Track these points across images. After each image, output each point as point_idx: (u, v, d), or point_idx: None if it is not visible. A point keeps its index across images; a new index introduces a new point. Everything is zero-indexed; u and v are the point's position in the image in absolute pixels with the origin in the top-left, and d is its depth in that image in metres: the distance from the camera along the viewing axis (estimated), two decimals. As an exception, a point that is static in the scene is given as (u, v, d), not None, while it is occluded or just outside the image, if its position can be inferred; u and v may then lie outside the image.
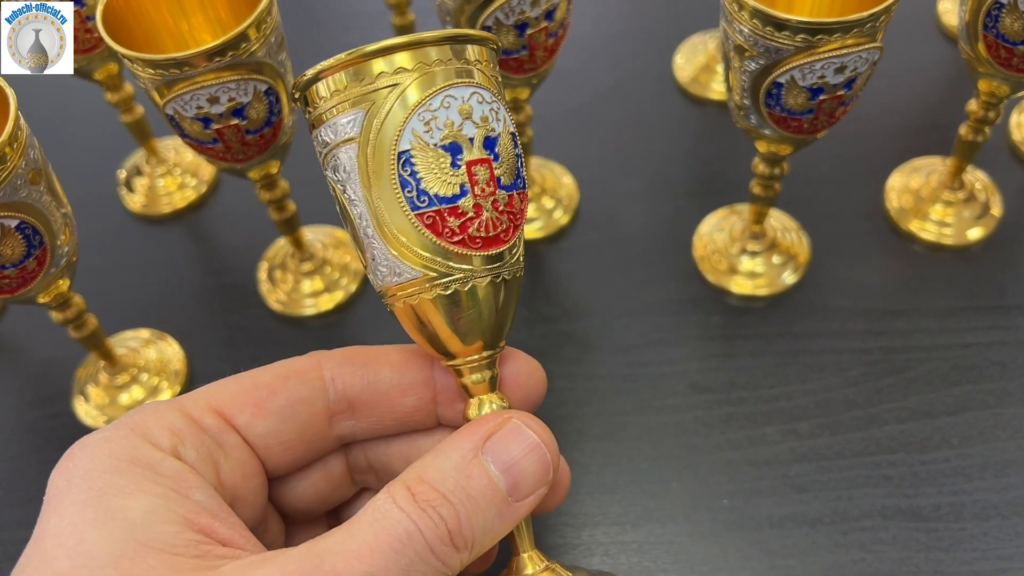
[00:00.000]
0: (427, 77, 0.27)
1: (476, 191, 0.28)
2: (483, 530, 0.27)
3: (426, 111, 0.27)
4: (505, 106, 0.30)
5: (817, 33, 0.36)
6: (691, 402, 0.48)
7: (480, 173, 0.28)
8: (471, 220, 0.28)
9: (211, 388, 0.32)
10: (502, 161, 0.28)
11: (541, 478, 0.29)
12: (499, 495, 0.28)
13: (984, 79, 0.46)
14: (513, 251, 0.30)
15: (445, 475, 0.27)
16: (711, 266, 0.53)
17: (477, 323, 0.30)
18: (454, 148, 0.27)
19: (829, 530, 0.43)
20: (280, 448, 0.32)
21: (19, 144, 0.37)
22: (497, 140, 0.28)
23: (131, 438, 0.28)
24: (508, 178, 0.29)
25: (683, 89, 0.64)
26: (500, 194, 0.28)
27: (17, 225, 0.38)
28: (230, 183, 0.63)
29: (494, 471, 0.28)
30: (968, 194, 0.54)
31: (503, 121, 0.29)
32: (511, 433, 0.29)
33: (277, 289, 0.55)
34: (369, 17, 0.71)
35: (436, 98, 0.27)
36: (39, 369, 0.55)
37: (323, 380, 0.32)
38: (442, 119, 0.27)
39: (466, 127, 0.28)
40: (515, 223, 0.30)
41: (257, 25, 0.39)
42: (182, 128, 0.42)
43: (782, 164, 0.47)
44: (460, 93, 0.27)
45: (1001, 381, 0.48)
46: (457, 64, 0.28)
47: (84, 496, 0.26)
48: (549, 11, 0.43)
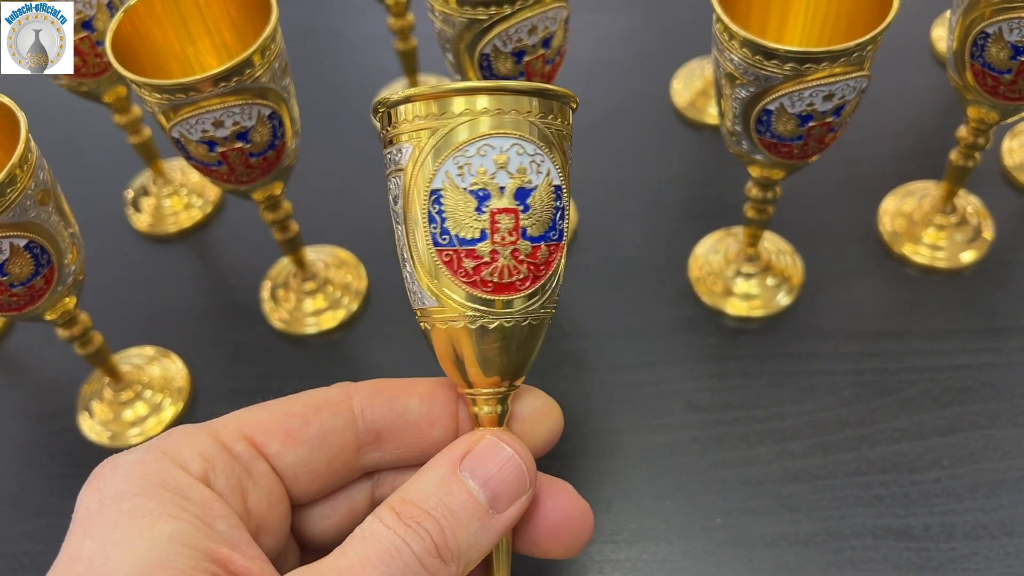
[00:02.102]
0: (473, 123, 0.29)
1: (496, 238, 0.29)
2: (468, 543, 0.28)
3: (462, 156, 0.29)
4: (555, 160, 0.30)
5: (805, 62, 0.37)
6: (686, 421, 0.49)
7: (503, 221, 0.29)
8: (485, 264, 0.29)
9: (242, 414, 0.32)
10: (532, 212, 0.30)
11: (519, 488, 0.30)
12: (480, 508, 0.29)
13: (973, 106, 0.47)
14: (535, 298, 0.31)
15: (427, 493, 0.29)
16: (706, 287, 0.54)
17: (497, 359, 0.31)
18: (483, 195, 0.29)
19: (821, 549, 0.44)
20: (308, 477, 0.32)
21: (29, 166, 0.38)
22: (532, 192, 0.29)
23: (163, 461, 0.29)
24: (537, 230, 0.30)
25: (680, 113, 0.65)
26: (523, 244, 0.30)
27: (26, 244, 0.39)
28: (235, 204, 0.64)
29: (473, 486, 0.29)
30: (960, 218, 0.55)
31: (545, 175, 0.30)
32: (486, 449, 0.30)
33: (280, 308, 0.56)
34: (374, 41, 0.73)
35: (473, 145, 0.29)
36: (44, 385, 0.56)
37: (352, 411, 0.33)
38: (476, 165, 0.29)
39: (499, 176, 0.29)
40: (536, 273, 0.30)
41: (262, 51, 0.40)
42: (188, 151, 0.43)
43: (775, 188, 0.48)
44: (499, 143, 0.29)
45: (992, 403, 0.48)
46: (507, 116, 0.29)
47: (114, 518, 0.27)
48: (546, 39, 0.44)
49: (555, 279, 0.32)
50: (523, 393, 0.35)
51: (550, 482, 0.33)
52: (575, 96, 0.31)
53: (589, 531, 0.34)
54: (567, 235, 0.32)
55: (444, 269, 0.30)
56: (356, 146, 0.66)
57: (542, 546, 0.33)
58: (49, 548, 0.48)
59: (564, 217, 0.31)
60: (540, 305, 0.31)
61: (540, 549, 0.33)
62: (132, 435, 0.51)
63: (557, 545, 0.33)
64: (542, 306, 0.31)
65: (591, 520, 0.34)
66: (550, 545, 0.33)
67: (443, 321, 0.31)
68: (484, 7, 0.41)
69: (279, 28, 0.42)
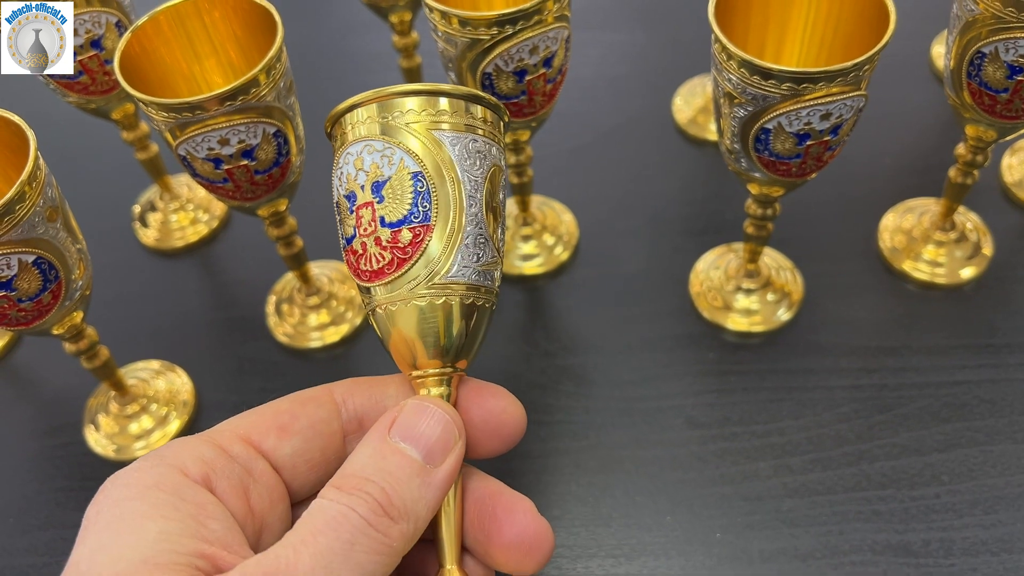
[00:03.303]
0: (343, 137, 0.32)
1: (361, 231, 0.32)
2: (412, 498, 0.29)
3: (338, 168, 0.33)
4: (409, 149, 0.32)
5: (802, 82, 0.38)
6: (686, 437, 0.49)
7: (365, 215, 0.32)
8: (360, 256, 0.32)
9: (235, 420, 0.33)
10: (388, 201, 0.32)
11: (449, 439, 0.31)
12: (415, 464, 0.30)
13: (971, 124, 0.47)
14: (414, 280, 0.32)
15: (363, 464, 0.30)
16: (707, 303, 0.54)
17: (413, 341, 0.33)
18: (351, 196, 0.32)
19: (820, 564, 0.44)
20: (305, 467, 0.33)
21: (38, 183, 0.39)
22: (385, 183, 0.32)
23: (161, 467, 0.30)
24: (395, 215, 0.32)
25: (682, 130, 0.65)
26: (382, 231, 0.32)
27: (34, 260, 0.40)
28: (240, 219, 0.64)
29: (405, 446, 0.30)
30: (960, 234, 0.55)
31: (397, 164, 0.32)
32: (409, 412, 0.31)
33: (284, 322, 0.57)
34: (379, 59, 0.74)
35: (341, 156, 0.32)
36: (51, 399, 0.56)
37: (335, 403, 0.34)
38: (344, 172, 0.32)
39: (359, 176, 0.32)
40: (401, 255, 0.32)
41: (267, 71, 0.41)
42: (194, 168, 0.43)
43: (774, 205, 0.48)
44: (354, 149, 0.32)
45: (991, 419, 0.48)
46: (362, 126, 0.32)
47: (107, 522, 0.28)
48: (547, 58, 0.44)
49: (432, 258, 0.32)
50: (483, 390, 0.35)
51: (511, 498, 0.34)
52: (414, 89, 0.32)
53: (546, 551, 0.34)
54: (444, 215, 0.32)
55: (348, 270, 0.34)
56: (361, 162, 0.66)
57: (496, 560, 0.34)
58: (54, 560, 0.48)
59: (430, 199, 0.32)
60: (426, 285, 0.32)
61: (496, 563, 0.34)
62: (137, 448, 0.52)
63: (510, 561, 0.33)
64: (428, 286, 0.32)
65: (550, 540, 0.34)
66: (505, 560, 0.33)
67: (371, 314, 0.34)
68: (486, 28, 0.42)
69: (284, 48, 0.42)
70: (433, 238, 0.32)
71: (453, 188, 0.32)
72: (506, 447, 0.35)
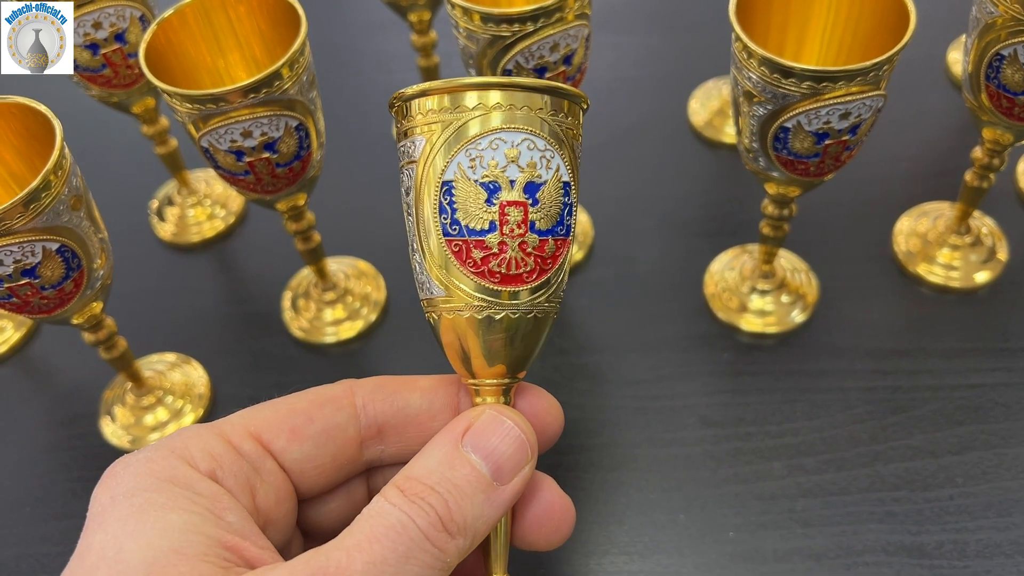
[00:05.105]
0: (485, 118, 0.30)
1: (505, 230, 0.30)
2: (473, 516, 0.29)
3: (474, 148, 0.30)
4: (564, 157, 0.31)
5: (822, 81, 0.38)
6: (700, 436, 0.49)
7: (512, 214, 0.30)
8: (494, 255, 0.30)
9: (248, 413, 0.33)
10: (541, 207, 0.30)
11: (521, 459, 0.30)
12: (484, 480, 0.29)
13: (988, 127, 0.47)
14: (541, 291, 0.31)
15: (430, 470, 0.29)
16: (722, 304, 0.54)
17: (502, 350, 0.32)
18: (493, 187, 0.30)
19: (833, 564, 0.44)
20: (314, 472, 0.33)
21: (63, 172, 0.39)
22: (541, 187, 0.30)
23: (171, 459, 0.30)
24: (545, 224, 0.31)
25: (697, 132, 0.65)
26: (531, 237, 0.30)
27: (58, 248, 0.40)
28: (257, 214, 0.65)
29: (475, 459, 0.30)
30: (975, 238, 0.55)
31: (555, 170, 0.31)
32: (487, 423, 0.31)
33: (300, 317, 0.57)
34: (397, 58, 0.74)
35: (485, 139, 0.30)
36: (68, 390, 0.57)
37: (355, 407, 0.34)
38: (487, 158, 0.30)
39: (510, 169, 0.30)
40: (543, 267, 0.31)
41: (290, 64, 0.41)
42: (216, 160, 0.44)
43: (791, 206, 0.48)
44: (511, 138, 0.30)
45: (1006, 422, 0.48)
46: (519, 112, 0.30)
47: (126, 512, 0.28)
48: (567, 56, 0.45)
49: (561, 274, 0.32)
50: (525, 391, 0.35)
51: (535, 476, 0.34)
52: (586, 96, 0.32)
53: (570, 525, 0.34)
54: (574, 232, 0.32)
55: (453, 259, 0.30)
56: (378, 161, 0.67)
57: (524, 537, 0.34)
58: (69, 550, 0.48)
59: (572, 214, 0.32)
60: (546, 299, 0.32)
61: (522, 540, 0.34)
62: (152, 440, 0.52)
63: (538, 536, 0.34)
64: (547, 300, 0.32)
65: (572, 515, 0.34)
66: (532, 536, 0.34)
67: (450, 311, 0.31)
68: (508, 24, 0.42)
69: (307, 42, 0.43)
70: (568, 255, 0.32)
71: (577, 205, 0.32)
72: (548, 446, 0.35)
